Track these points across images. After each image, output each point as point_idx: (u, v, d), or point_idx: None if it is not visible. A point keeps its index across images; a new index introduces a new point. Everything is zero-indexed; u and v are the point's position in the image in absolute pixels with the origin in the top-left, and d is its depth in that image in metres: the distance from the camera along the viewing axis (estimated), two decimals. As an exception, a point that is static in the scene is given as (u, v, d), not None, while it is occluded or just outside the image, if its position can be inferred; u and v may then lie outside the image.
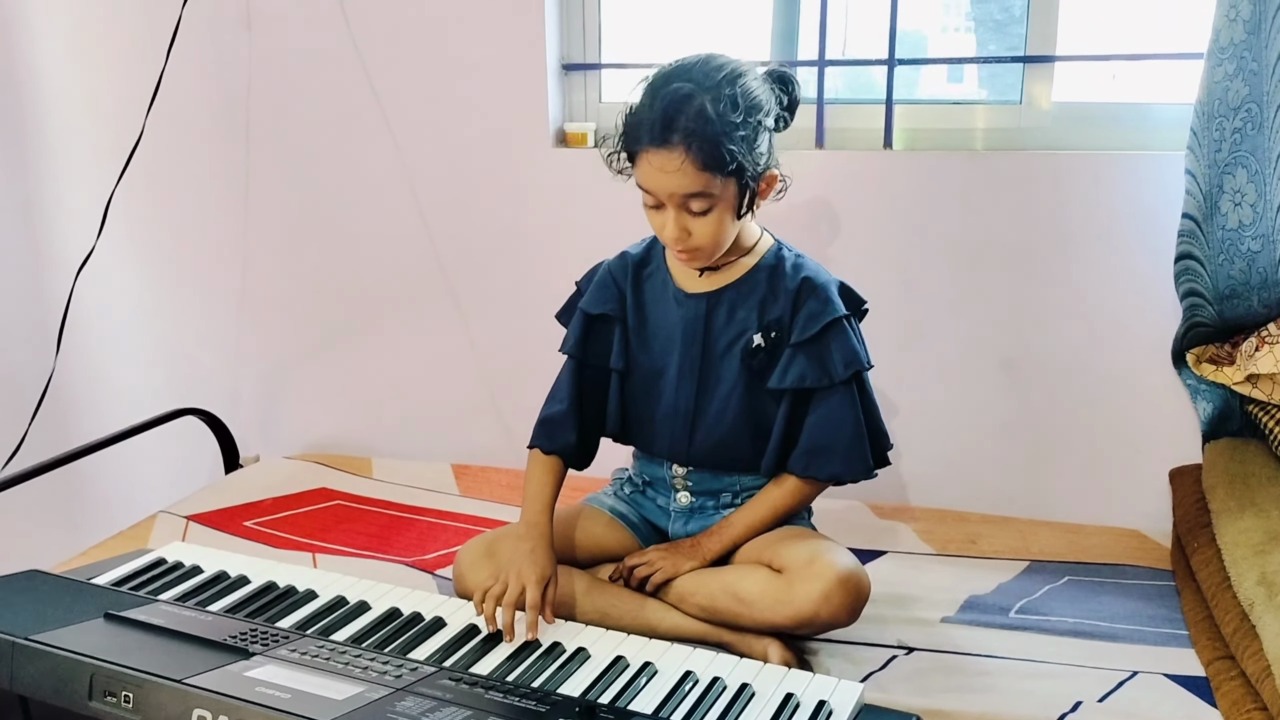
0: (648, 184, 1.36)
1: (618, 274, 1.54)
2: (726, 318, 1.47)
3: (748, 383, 1.47)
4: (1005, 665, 1.40)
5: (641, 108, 1.35)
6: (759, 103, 1.35)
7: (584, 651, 1.27)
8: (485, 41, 2.03)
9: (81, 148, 2.30)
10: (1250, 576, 1.37)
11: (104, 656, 1.13)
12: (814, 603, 1.33)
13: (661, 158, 1.32)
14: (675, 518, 1.56)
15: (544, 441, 1.53)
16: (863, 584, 1.35)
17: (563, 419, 1.52)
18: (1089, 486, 1.91)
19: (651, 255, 1.54)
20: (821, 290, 1.44)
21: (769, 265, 1.47)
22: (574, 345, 1.53)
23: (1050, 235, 1.84)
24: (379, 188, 2.17)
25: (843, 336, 1.43)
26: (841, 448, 1.43)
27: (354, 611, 1.37)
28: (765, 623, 1.37)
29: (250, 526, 1.87)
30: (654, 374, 1.51)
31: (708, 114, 1.30)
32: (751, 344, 1.45)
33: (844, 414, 1.43)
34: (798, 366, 1.43)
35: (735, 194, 1.36)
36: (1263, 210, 1.61)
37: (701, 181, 1.32)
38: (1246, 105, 1.60)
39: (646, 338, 1.52)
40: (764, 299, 1.46)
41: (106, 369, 2.41)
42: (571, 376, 1.54)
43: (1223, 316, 1.72)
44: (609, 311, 1.52)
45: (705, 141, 1.30)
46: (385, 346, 2.26)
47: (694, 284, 1.49)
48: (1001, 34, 2.00)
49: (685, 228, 1.36)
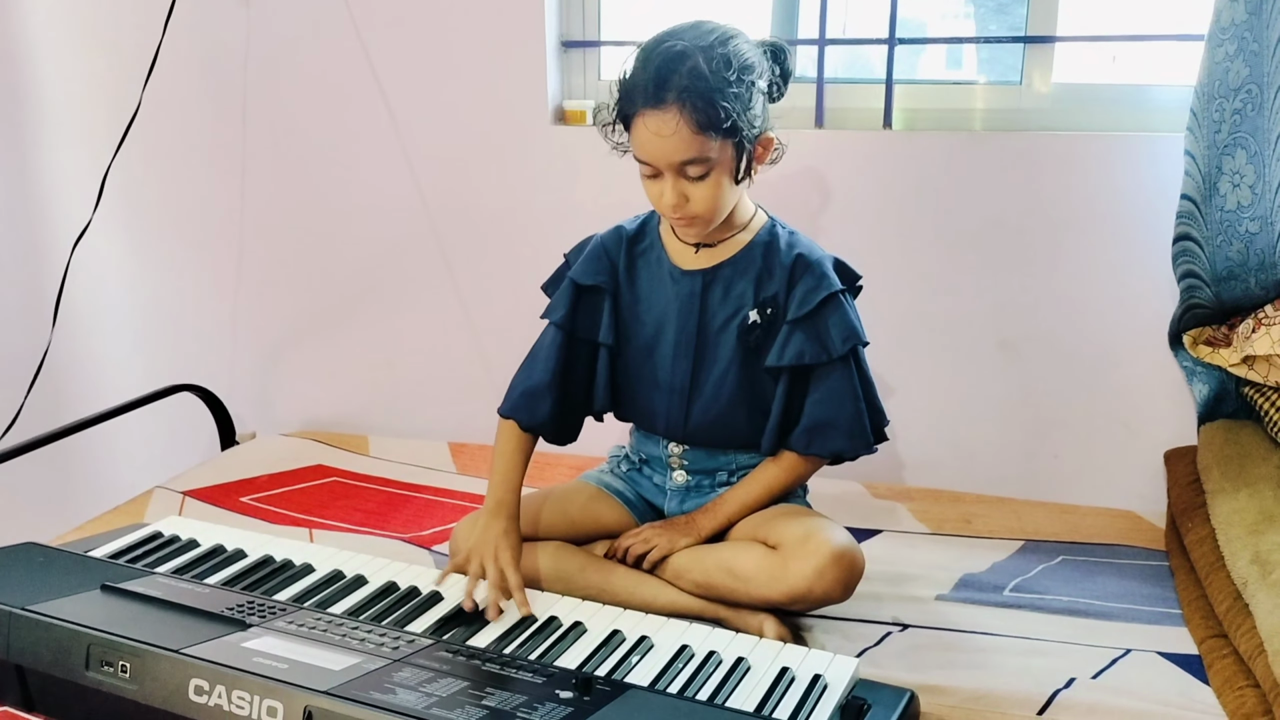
0: (644, 152, 1.35)
1: (610, 246, 1.52)
2: (722, 294, 1.46)
3: (744, 360, 1.46)
4: (999, 642, 1.41)
5: (635, 71, 1.35)
6: (751, 63, 1.35)
7: (580, 625, 1.27)
8: (484, 18, 2.02)
9: (78, 121, 2.29)
10: (1244, 556, 1.38)
11: (101, 627, 1.13)
12: (808, 579, 1.33)
13: (657, 120, 1.31)
14: (671, 496, 1.56)
15: (523, 415, 1.50)
16: (857, 560, 1.36)
17: (543, 392, 1.49)
18: (1085, 467, 1.91)
19: (646, 231, 1.52)
20: (816, 266, 1.44)
21: (764, 242, 1.47)
22: (562, 316, 1.49)
23: (1049, 216, 1.84)
24: (377, 164, 2.16)
25: (840, 311, 1.42)
26: (844, 424, 1.43)
27: (351, 585, 1.37)
28: (760, 599, 1.38)
29: (247, 502, 1.87)
30: (647, 351, 1.50)
31: (701, 70, 1.30)
32: (747, 320, 1.45)
33: (845, 390, 1.43)
34: (796, 343, 1.43)
35: (732, 157, 1.35)
36: (1261, 192, 1.61)
37: (698, 145, 1.31)
38: (1247, 86, 1.59)
39: (640, 314, 1.50)
40: (759, 275, 1.45)
41: (103, 344, 2.41)
42: (555, 348, 1.50)
43: (1220, 298, 1.72)
44: (600, 283, 1.49)
45: (700, 98, 1.29)
46: (383, 324, 2.26)
47: (689, 261, 1.48)
48: (1002, 15, 1.99)
49: (684, 194, 1.36)
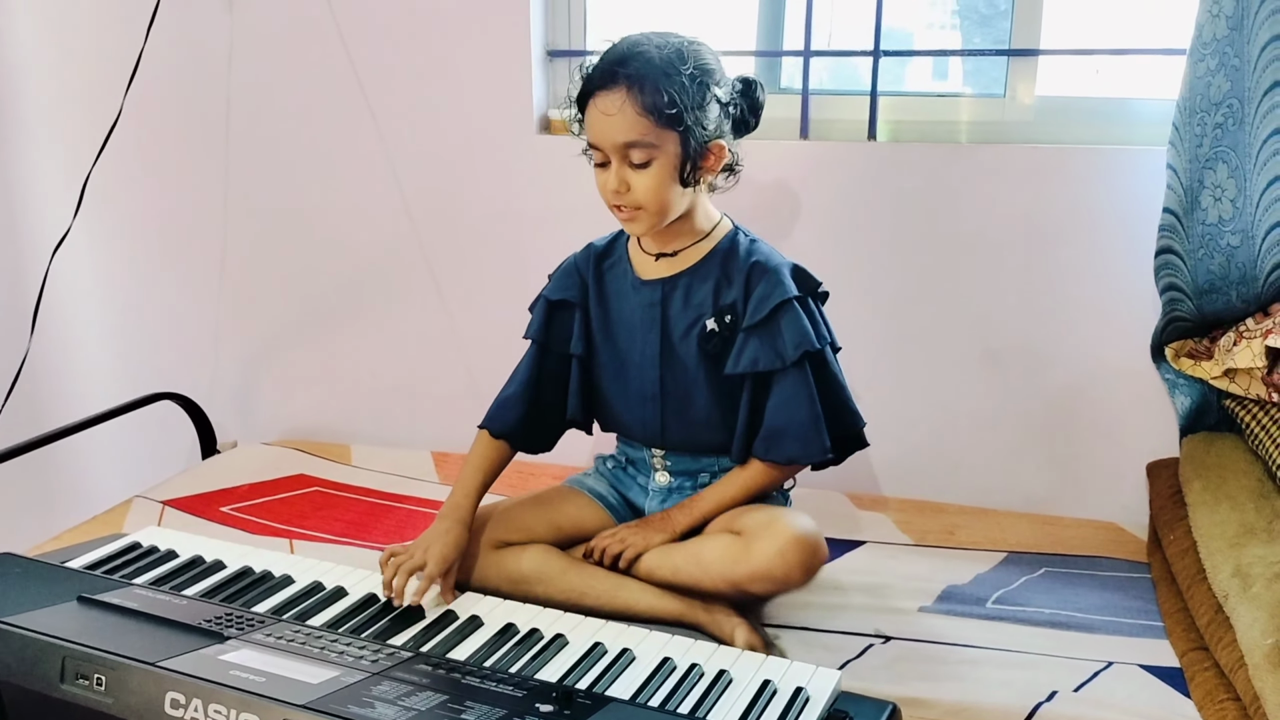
0: (592, 134, 1.40)
1: (581, 263, 1.58)
2: (683, 303, 1.49)
3: (709, 368, 1.48)
4: (982, 655, 1.41)
5: (595, 62, 1.40)
6: (708, 68, 1.39)
7: (562, 638, 1.27)
8: (470, 26, 2.02)
9: (59, 127, 2.27)
10: (1225, 569, 1.38)
11: (76, 639, 1.12)
12: (769, 559, 1.34)
13: (606, 99, 1.36)
14: (653, 495, 1.58)
15: (490, 423, 1.57)
16: (819, 545, 1.37)
17: (512, 402, 1.56)
18: (1067, 479, 1.92)
19: (615, 247, 1.57)
20: (773, 273, 1.45)
21: (724, 250, 1.49)
22: (536, 330, 1.57)
23: (1032, 228, 1.84)
24: (361, 172, 2.15)
25: (792, 317, 1.43)
26: (796, 430, 1.43)
27: (331, 597, 1.36)
28: (725, 580, 1.38)
29: (227, 512, 1.86)
30: (620, 362, 1.54)
31: (652, 58, 1.35)
32: (705, 329, 1.47)
33: (798, 396, 1.43)
34: (750, 350, 1.44)
35: (677, 152, 1.38)
36: (1242, 205, 1.62)
37: (641, 127, 1.35)
38: (1228, 101, 1.60)
39: (610, 326, 1.54)
40: (718, 283, 1.47)
41: (82, 351, 2.39)
42: (530, 361, 1.58)
43: (1201, 311, 1.73)
44: (569, 298, 1.55)
45: (647, 81, 1.34)
46: (366, 332, 2.25)
47: (650, 271, 1.51)
48: (986, 28, 2.00)
49: (625, 180, 1.39)
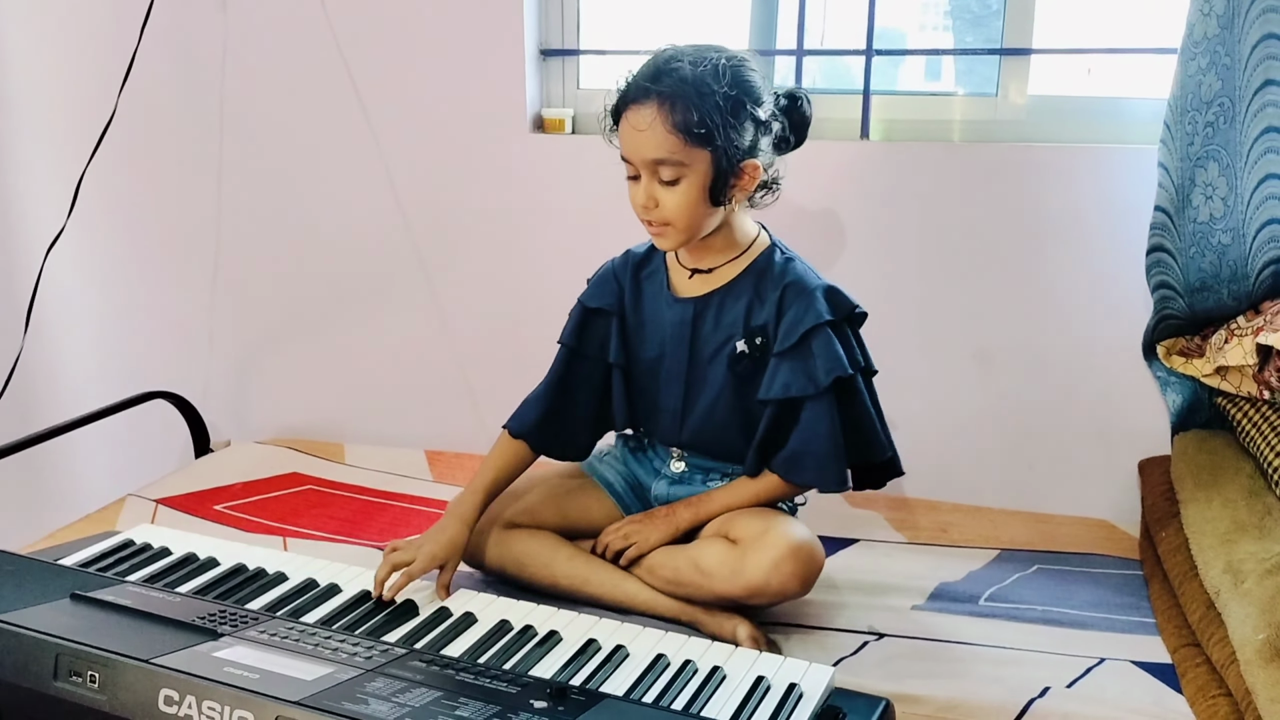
0: (624, 147, 1.38)
1: (619, 271, 1.56)
2: (714, 323, 1.48)
3: (735, 387, 1.47)
4: (975, 651, 1.41)
5: (634, 74, 1.38)
6: (748, 86, 1.36)
7: (555, 635, 1.27)
8: (463, 25, 2.02)
9: (53, 126, 2.26)
10: (1216, 565, 1.39)
11: (69, 636, 1.11)
12: (764, 571, 1.34)
13: (637, 114, 1.35)
14: (662, 479, 1.58)
15: (511, 422, 1.56)
16: (814, 554, 1.37)
17: (533, 402, 1.55)
18: (1060, 476, 1.92)
19: (653, 256, 1.55)
20: (806, 296, 1.42)
21: (759, 269, 1.47)
22: (568, 335, 1.56)
23: (1024, 227, 1.85)
24: (354, 170, 2.15)
25: (824, 341, 1.40)
26: (815, 458, 1.42)
27: (325, 594, 1.36)
28: (722, 594, 1.39)
29: (220, 510, 1.86)
30: (652, 372, 1.54)
31: (687, 76, 1.33)
32: (736, 350, 1.46)
33: (821, 424, 1.41)
34: (783, 376, 1.42)
35: (707, 171, 1.36)
36: (1233, 204, 1.63)
37: (670, 145, 1.33)
38: (1219, 99, 1.61)
39: (645, 336, 1.54)
40: (750, 304, 1.46)
41: (76, 350, 2.38)
42: (558, 365, 1.57)
43: (1193, 309, 1.73)
44: (605, 306, 1.54)
45: (680, 99, 1.32)
46: (359, 331, 2.25)
47: (686, 288, 1.50)
48: (978, 27, 2.00)
49: (654, 196, 1.37)
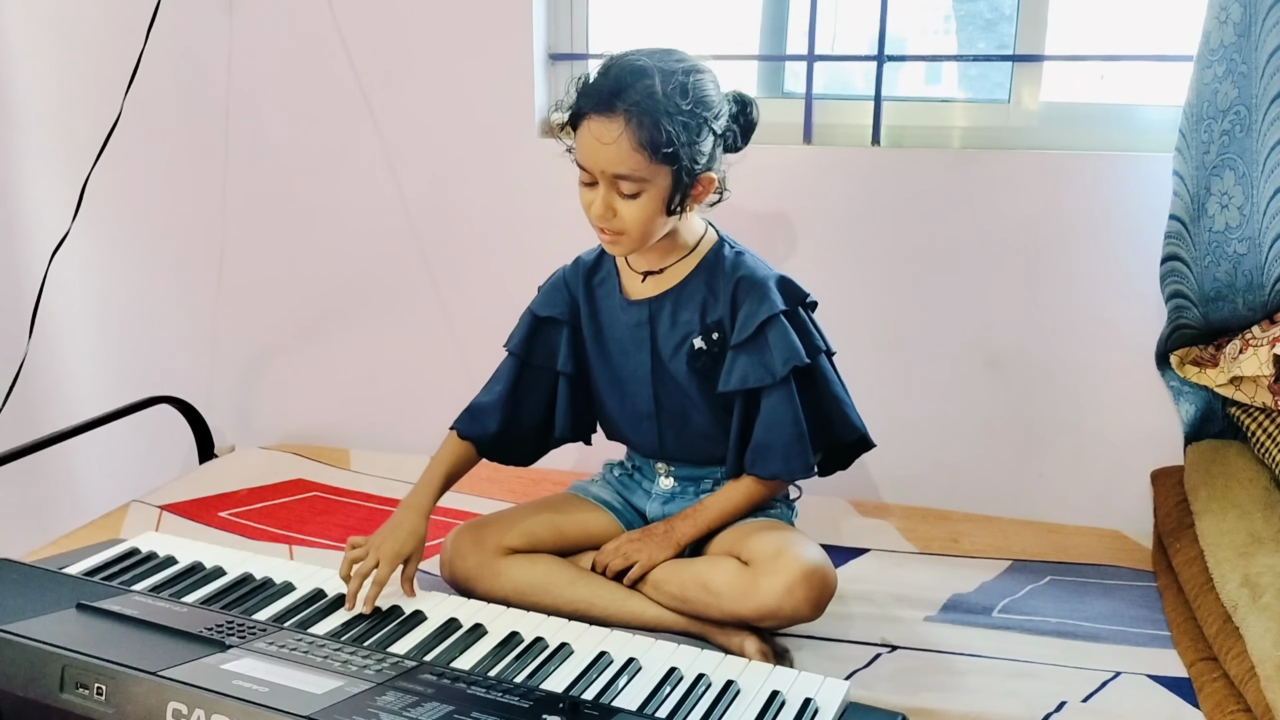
0: (583, 156, 1.36)
1: (570, 279, 1.55)
2: (670, 322, 1.47)
3: (700, 385, 1.47)
4: (989, 664, 1.40)
5: (595, 77, 1.36)
6: (709, 101, 1.36)
7: (567, 647, 1.25)
8: (472, 30, 2.01)
9: (58, 129, 2.25)
10: (1233, 579, 1.37)
11: (76, 647, 1.10)
12: (777, 595, 1.33)
13: (601, 126, 1.32)
14: (655, 498, 1.57)
15: (462, 425, 1.54)
16: (827, 578, 1.35)
17: (490, 408, 1.53)
18: (1071, 486, 1.91)
19: (603, 262, 1.55)
20: (759, 287, 1.43)
21: (710, 265, 1.46)
22: (517, 343, 1.55)
23: (1036, 235, 1.83)
24: (361, 175, 2.14)
25: (780, 332, 1.41)
26: (780, 447, 1.42)
27: (332, 604, 1.35)
28: (731, 614, 1.37)
29: (225, 517, 1.85)
30: (615, 380, 1.53)
31: (655, 91, 1.31)
32: (694, 348, 1.46)
33: (783, 412, 1.42)
34: (740, 368, 1.43)
35: (668, 185, 1.35)
36: (1249, 213, 1.61)
37: (634, 161, 1.32)
38: (1235, 108, 1.60)
39: (604, 343, 1.53)
40: (704, 301, 1.46)
41: (80, 355, 2.37)
42: (509, 371, 1.55)
43: (1207, 319, 1.72)
44: (556, 315, 1.54)
45: (647, 116, 1.30)
46: (365, 336, 2.23)
47: (638, 290, 1.49)
48: (990, 32, 1.99)
49: (612, 206, 1.36)
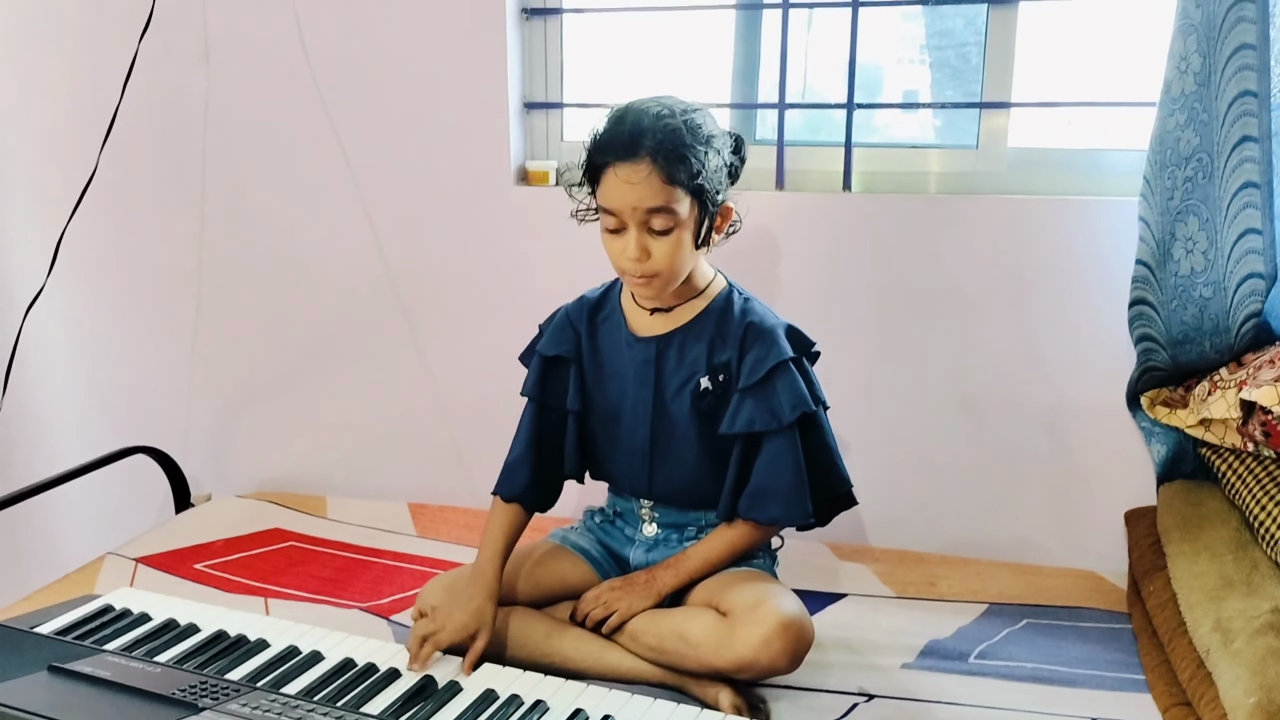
0: (611, 200, 1.37)
1: (574, 317, 1.56)
2: (676, 361, 1.49)
3: (700, 425, 1.48)
4: (966, 713, 1.40)
5: (609, 128, 1.38)
6: (715, 136, 1.40)
7: (542, 704, 1.25)
8: (447, 79, 2.03)
9: (34, 183, 2.26)
10: (1205, 623, 1.38)
11: (48, 713, 1.10)
12: (754, 648, 1.33)
13: (628, 169, 1.35)
14: (638, 545, 1.57)
15: (502, 489, 1.55)
16: (805, 631, 1.35)
17: (518, 464, 1.55)
18: (1046, 527, 1.92)
19: (607, 300, 1.56)
20: (768, 334, 1.45)
21: (719, 308, 1.49)
22: (532, 387, 1.57)
23: (1006, 279, 1.85)
24: (337, 223, 2.14)
25: (789, 379, 1.43)
26: (782, 492, 1.44)
27: (307, 662, 1.34)
28: (709, 666, 1.37)
29: (201, 569, 1.83)
30: (612, 416, 1.54)
31: (674, 128, 1.35)
32: (699, 387, 1.47)
33: (786, 458, 1.43)
34: (746, 411, 1.44)
35: (696, 218, 1.39)
36: (1214, 258, 1.64)
37: (666, 195, 1.35)
38: (1198, 155, 1.62)
39: (603, 380, 1.54)
40: (712, 342, 1.47)
41: (56, 406, 2.36)
42: (530, 419, 1.57)
43: (1176, 361, 1.74)
44: (564, 353, 1.55)
45: (672, 152, 1.34)
46: (342, 384, 2.23)
47: (645, 327, 1.51)
48: (958, 79, 2.02)
49: (645, 248, 1.38)
